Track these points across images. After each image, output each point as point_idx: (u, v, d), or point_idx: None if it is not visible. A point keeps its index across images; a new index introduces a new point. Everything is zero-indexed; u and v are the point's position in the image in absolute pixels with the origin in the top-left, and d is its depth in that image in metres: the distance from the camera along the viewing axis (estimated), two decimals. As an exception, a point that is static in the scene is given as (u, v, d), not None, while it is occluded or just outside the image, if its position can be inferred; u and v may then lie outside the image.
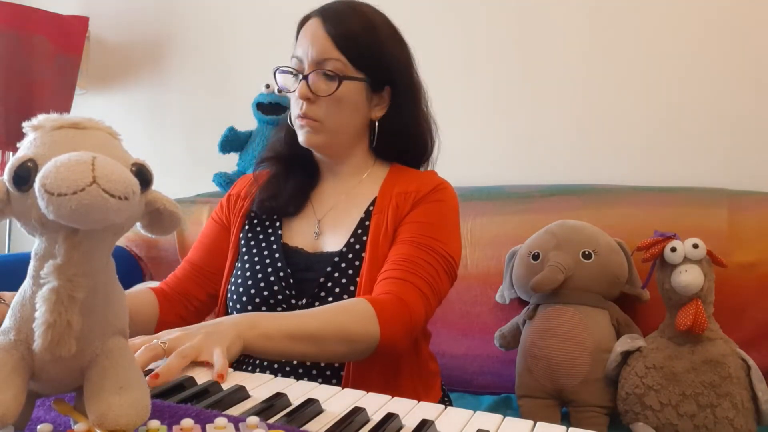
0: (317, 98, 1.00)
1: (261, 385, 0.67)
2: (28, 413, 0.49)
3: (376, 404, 0.62)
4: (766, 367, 1.21)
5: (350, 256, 1.00)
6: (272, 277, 1.01)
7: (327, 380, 0.97)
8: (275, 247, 1.05)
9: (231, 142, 2.03)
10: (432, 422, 0.57)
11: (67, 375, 0.46)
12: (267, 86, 1.99)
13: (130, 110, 2.46)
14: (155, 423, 0.46)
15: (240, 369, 0.98)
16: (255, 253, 1.06)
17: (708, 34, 1.65)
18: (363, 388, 0.67)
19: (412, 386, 1.02)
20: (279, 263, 1.02)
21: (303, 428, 0.55)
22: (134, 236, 1.95)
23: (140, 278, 1.95)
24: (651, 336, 1.27)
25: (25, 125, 0.45)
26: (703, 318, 1.16)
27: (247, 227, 1.10)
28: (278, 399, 0.60)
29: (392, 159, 1.12)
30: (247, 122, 2.04)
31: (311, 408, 0.59)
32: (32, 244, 0.45)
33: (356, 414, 0.57)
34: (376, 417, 0.58)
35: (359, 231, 1.02)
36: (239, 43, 2.26)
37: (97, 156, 0.40)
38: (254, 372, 0.96)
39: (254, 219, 1.11)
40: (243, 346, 0.76)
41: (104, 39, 2.46)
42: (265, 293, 1.01)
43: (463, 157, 1.77)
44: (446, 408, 0.62)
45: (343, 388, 0.67)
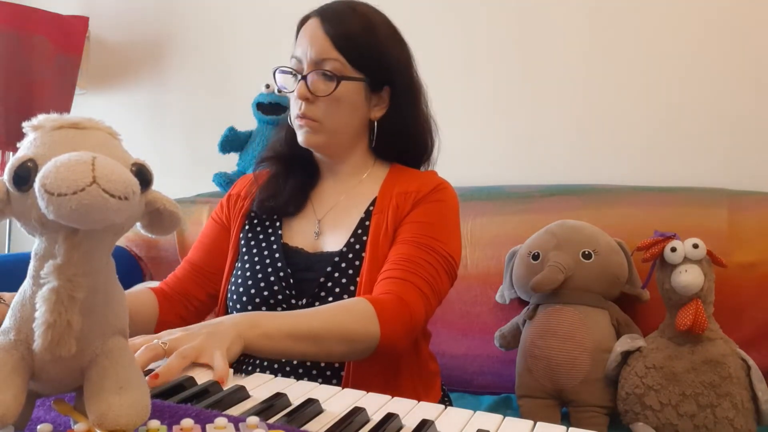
0: (316, 98, 1.00)
1: (261, 385, 0.67)
2: (28, 413, 0.49)
3: (376, 404, 0.62)
4: (766, 367, 1.21)
5: (350, 256, 1.00)
6: (272, 277, 1.01)
7: (327, 380, 0.97)
8: (275, 247, 1.05)
9: (231, 142, 2.03)
10: (432, 422, 0.57)
11: (67, 375, 0.46)
12: (267, 86, 1.99)
13: (130, 110, 2.46)
14: (155, 423, 0.46)
15: (240, 369, 0.98)
16: (255, 253, 1.06)
17: (708, 34, 1.65)
18: (363, 388, 0.67)
19: (412, 386, 1.02)
20: (279, 263, 1.02)
21: (303, 428, 0.55)
22: (134, 236, 1.95)
23: (140, 278, 1.95)
24: (651, 336, 1.27)
25: (25, 125, 0.45)
26: (703, 318, 1.16)
27: (247, 227, 1.10)
28: (278, 399, 0.60)
29: (392, 159, 1.12)
30: (247, 122, 2.04)
31: (311, 408, 0.59)
32: (32, 244, 0.45)
33: (356, 414, 0.57)
34: (376, 417, 0.58)
35: (359, 231, 1.02)
36: (239, 43, 2.26)
37: (97, 156, 0.40)
38: (254, 372, 0.96)
39: (254, 219, 1.11)
40: (243, 346, 0.76)
41: (104, 39, 2.46)
42: (265, 293, 1.01)
43: (463, 157, 1.77)
44: (446, 408, 0.62)
45: (343, 388, 0.67)
